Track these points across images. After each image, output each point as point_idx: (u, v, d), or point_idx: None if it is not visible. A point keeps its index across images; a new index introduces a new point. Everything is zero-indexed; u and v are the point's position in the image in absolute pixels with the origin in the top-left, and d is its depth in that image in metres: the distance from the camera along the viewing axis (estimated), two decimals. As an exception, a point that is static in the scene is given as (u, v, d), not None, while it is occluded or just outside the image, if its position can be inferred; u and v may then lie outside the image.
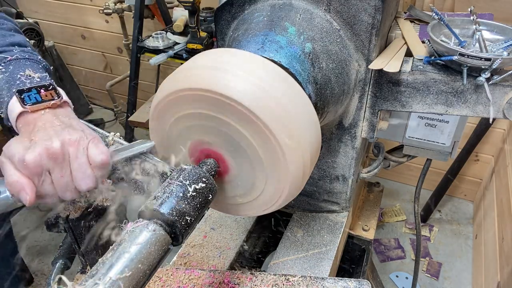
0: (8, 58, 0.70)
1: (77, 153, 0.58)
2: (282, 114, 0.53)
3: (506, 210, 1.75)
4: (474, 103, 0.76)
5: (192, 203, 0.52)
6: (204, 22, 1.96)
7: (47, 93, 0.65)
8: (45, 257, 2.18)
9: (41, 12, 2.97)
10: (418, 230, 1.27)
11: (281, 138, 0.53)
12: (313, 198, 1.03)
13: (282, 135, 0.53)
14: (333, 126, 0.87)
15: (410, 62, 0.79)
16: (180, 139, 0.62)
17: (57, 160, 0.56)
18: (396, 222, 2.35)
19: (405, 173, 2.54)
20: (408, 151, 1.05)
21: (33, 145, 0.56)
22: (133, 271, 0.44)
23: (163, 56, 1.94)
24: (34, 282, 2.04)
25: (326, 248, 0.90)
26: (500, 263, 1.65)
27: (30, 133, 0.59)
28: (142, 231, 0.47)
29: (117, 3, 2.25)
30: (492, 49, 0.77)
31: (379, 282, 1.53)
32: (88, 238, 0.73)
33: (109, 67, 3.06)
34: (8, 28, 0.78)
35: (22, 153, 0.55)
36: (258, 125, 0.53)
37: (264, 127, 0.52)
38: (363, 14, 0.71)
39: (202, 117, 0.57)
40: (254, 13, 0.75)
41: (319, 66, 0.69)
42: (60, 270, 0.74)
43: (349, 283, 0.71)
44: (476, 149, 2.07)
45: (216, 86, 0.52)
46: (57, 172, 0.57)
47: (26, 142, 0.57)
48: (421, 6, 1.70)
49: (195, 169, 0.56)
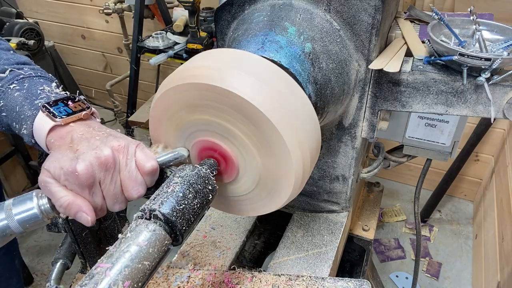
0: (21, 75, 0.66)
1: (127, 160, 0.54)
2: (282, 114, 0.53)
3: (506, 210, 1.75)
4: (474, 103, 0.76)
5: (192, 203, 0.52)
6: (204, 22, 1.96)
7: (75, 105, 0.61)
8: (45, 257, 2.18)
9: (41, 12, 2.97)
10: (418, 230, 1.27)
11: (285, 134, 0.53)
12: (313, 198, 1.03)
13: (285, 131, 0.53)
14: (333, 126, 0.87)
15: (410, 62, 0.79)
16: (180, 139, 0.63)
17: (109, 169, 0.53)
18: (396, 222, 2.35)
19: (405, 173, 2.54)
20: (408, 151, 1.05)
21: (81, 155, 0.52)
22: (133, 271, 0.44)
23: (163, 56, 1.94)
24: (34, 282, 2.04)
25: (326, 248, 0.90)
26: (500, 263, 1.65)
27: (69, 145, 0.55)
28: (142, 231, 0.47)
29: (117, 3, 2.25)
30: (492, 49, 0.77)
31: (379, 282, 1.53)
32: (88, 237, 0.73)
33: (109, 67, 3.07)
34: (6, 48, 0.74)
35: (70, 164, 0.51)
36: (260, 120, 0.53)
37: (267, 122, 0.52)
38: (363, 14, 0.71)
39: (203, 114, 0.57)
40: (254, 13, 0.75)
41: (319, 66, 0.69)
42: (60, 270, 0.74)
43: (349, 283, 0.71)
44: (476, 149, 2.07)
45: (217, 82, 0.52)
46: (108, 181, 0.53)
47: (69, 154, 0.53)
48: (421, 6, 1.70)
49: (195, 169, 0.56)
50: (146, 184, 0.57)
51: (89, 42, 2.98)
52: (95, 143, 0.54)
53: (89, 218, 0.52)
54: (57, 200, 0.52)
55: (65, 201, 0.52)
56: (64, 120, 0.58)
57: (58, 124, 0.57)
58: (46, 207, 0.55)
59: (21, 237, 2.27)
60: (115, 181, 0.54)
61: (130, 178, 0.55)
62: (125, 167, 0.54)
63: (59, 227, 0.71)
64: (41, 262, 2.15)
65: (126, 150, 0.55)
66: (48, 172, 0.53)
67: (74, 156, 0.52)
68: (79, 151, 0.53)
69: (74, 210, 0.52)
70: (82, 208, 0.52)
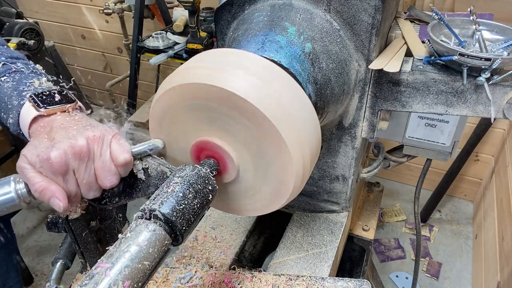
0: (13, 69, 0.69)
1: (101, 151, 0.56)
2: (282, 114, 0.53)
3: (506, 210, 1.75)
4: (474, 103, 0.76)
5: (192, 203, 0.52)
6: (204, 22, 1.96)
7: (61, 97, 0.63)
8: (45, 257, 2.18)
9: (41, 12, 2.97)
10: (418, 230, 1.27)
11: (285, 134, 0.53)
12: (313, 198, 1.03)
13: (285, 131, 0.53)
14: (333, 126, 0.87)
15: (410, 62, 0.79)
16: (181, 139, 0.63)
17: (83, 159, 0.54)
18: (396, 222, 2.35)
19: (405, 173, 2.54)
20: (408, 151, 1.05)
21: (57, 143, 0.54)
22: (133, 271, 0.44)
23: (163, 56, 1.94)
24: (34, 282, 2.04)
25: (326, 248, 0.90)
26: (500, 263, 1.65)
27: (48, 134, 0.57)
28: (142, 231, 0.47)
29: (117, 3, 2.25)
30: (492, 49, 0.77)
31: (379, 282, 1.53)
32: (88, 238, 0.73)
33: (109, 67, 3.06)
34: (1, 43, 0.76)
35: (46, 152, 0.53)
36: (260, 120, 0.53)
37: (267, 122, 0.53)
38: (363, 14, 0.71)
39: (203, 114, 0.57)
40: (254, 13, 0.75)
41: (319, 66, 0.69)
42: (60, 270, 0.74)
43: (349, 283, 0.71)
44: (476, 149, 2.07)
45: (217, 82, 0.52)
46: (82, 170, 0.55)
47: (46, 142, 0.55)
48: (421, 6, 1.70)
49: (195, 169, 0.56)
50: (119, 174, 0.58)
51: (89, 42, 2.98)
52: (72, 133, 0.56)
53: (61, 204, 0.54)
54: (32, 185, 0.54)
55: (40, 187, 0.54)
56: (48, 111, 0.60)
57: (41, 114, 0.60)
58: (23, 191, 0.56)
59: (21, 237, 2.27)
60: (89, 170, 0.56)
61: (104, 168, 0.56)
62: (99, 157, 0.56)
63: (59, 227, 0.71)
64: (41, 262, 2.15)
65: (101, 141, 0.57)
66: (25, 158, 0.55)
67: (50, 144, 0.54)
68: (55, 139, 0.55)
69: (48, 195, 0.54)
70: (55, 194, 0.54)
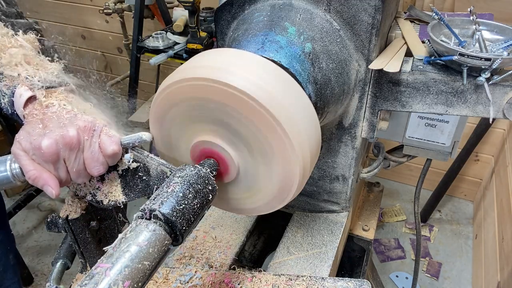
0: None
1: (91, 141, 0.58)
2: (282, 113, 0.53)
3: (506, 210, 1.75)
4: (474, 103, 0.76)
5: (192, 203, 0.52)
6: (204, 22, 1.95)
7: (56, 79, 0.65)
8: (45, 257, 2.18)
9: (41, 12, 2.97)
10: (418, 230, 1.27)
11: (285, 134, 0.53)
12: (313, 198, 1.03)
13: (285, 131, 0.53)
14: (333, 126, 0.87)
15: (410, 62, 0.79)
16: (181, 138, 0.63)
17: (73, 149, 0.57)
18: (396, 222, 2.35)
19: (405, 173, 2.54)
20: (408, 151, 1.05)
21: (48, 133, 0.56)
22: (133, 271, 0.44)
23: (163, 56, 1.93)
24: (34, 282, 2.04)
25: (326, 248, 0.90)
26: (500, 263, 1.65)
27: (42, 120, 0.58)
28: (142, 231, 0.47)
29: (117, 3, 2.25)
30: (492, 49, 0.77)
31: (379, 282, 1.53)
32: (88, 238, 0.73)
33: (109, 67, 3.06)
34: None
35: (38, 140, 0.55)
36: (261, 120, 0.53)
37: (267, 122, 0.52)
38: (363, 14, 0.71)
39: (203, 114, 0.57)
40: (254, 13, 0.75)
41: (319, 66, 0.69)
42: (60, 270, 0.74)
43: (349, 283, 0.71)
44: (476, 149, 2.07)
45: (217, 82, 0.52)
46: (71, 159, 0.58)
47: (39, 129, 0.57)
48: (421, 6, 1.70)
49: (195, 169, 0.56)
50: (107, 164, 0.61)
51: (89, 42, 2.98)
52: (64, 122, 0.58)
53: (53, 191, 0.57)
54: (26, 173, 0.57)
55: (33, 175, 0.57)
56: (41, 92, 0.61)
57: (35, 95, 0.61)
58: (17, 171, 0.59)
59: (21, 237, 2.27)
60: (78, 159, 0.58)
61: (93, 158, 0.59)
62: (88, 147, 0.58)
63: (59, 227, 0.71)
64: (41, 262, 2.15)
65: (91, 131, 0.59)
66: (20, 145, 0.57)
67: (42, 132, 0.56)
68: (48, 127, 0.57)
69: (41, 183, 0.57)
70: (48, 182, 0.57)
